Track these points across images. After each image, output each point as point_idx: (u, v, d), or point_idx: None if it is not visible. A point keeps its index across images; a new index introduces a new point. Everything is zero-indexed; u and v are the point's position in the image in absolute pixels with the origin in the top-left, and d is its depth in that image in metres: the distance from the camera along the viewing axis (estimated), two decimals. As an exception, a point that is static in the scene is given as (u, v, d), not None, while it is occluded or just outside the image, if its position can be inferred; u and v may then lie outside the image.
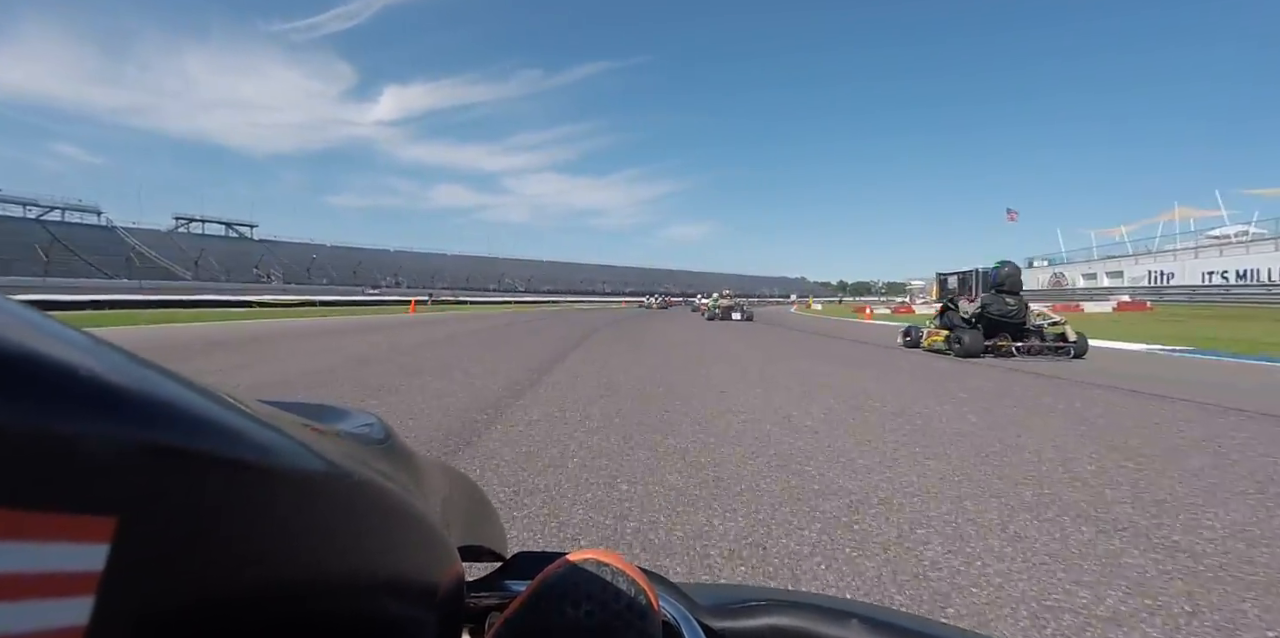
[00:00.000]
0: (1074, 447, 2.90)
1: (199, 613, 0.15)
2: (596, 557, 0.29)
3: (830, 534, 1.87)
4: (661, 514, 2.05)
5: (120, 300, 27.87)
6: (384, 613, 0.23)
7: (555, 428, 3.37)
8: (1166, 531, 1.88)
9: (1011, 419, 3.58)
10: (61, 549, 0.12)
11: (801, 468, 2.58)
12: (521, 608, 0.28)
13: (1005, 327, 7.90)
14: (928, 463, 2.64)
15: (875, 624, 0.32)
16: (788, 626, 0.32)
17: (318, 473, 0.19)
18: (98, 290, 32.57)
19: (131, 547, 0.13)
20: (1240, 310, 21.89)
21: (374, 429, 0.29)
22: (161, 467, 0.14)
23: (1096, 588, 1.51)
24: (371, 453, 0.26)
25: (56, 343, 0.14)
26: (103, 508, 0.13)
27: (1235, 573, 1.60)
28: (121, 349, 0.16)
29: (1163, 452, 2.81)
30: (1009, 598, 1.46)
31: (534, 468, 2.59)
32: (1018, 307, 7.93)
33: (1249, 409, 3.82)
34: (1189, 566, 1.64)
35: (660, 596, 0.31)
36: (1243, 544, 1.77)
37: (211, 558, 0.15)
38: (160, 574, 0.14)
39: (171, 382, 0.16)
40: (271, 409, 0.21)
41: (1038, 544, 1.78)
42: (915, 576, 1.59)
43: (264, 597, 0.17)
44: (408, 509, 0.24)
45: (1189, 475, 2.44)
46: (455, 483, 0.37)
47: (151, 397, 0.14)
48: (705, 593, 0.35)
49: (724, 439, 3.10)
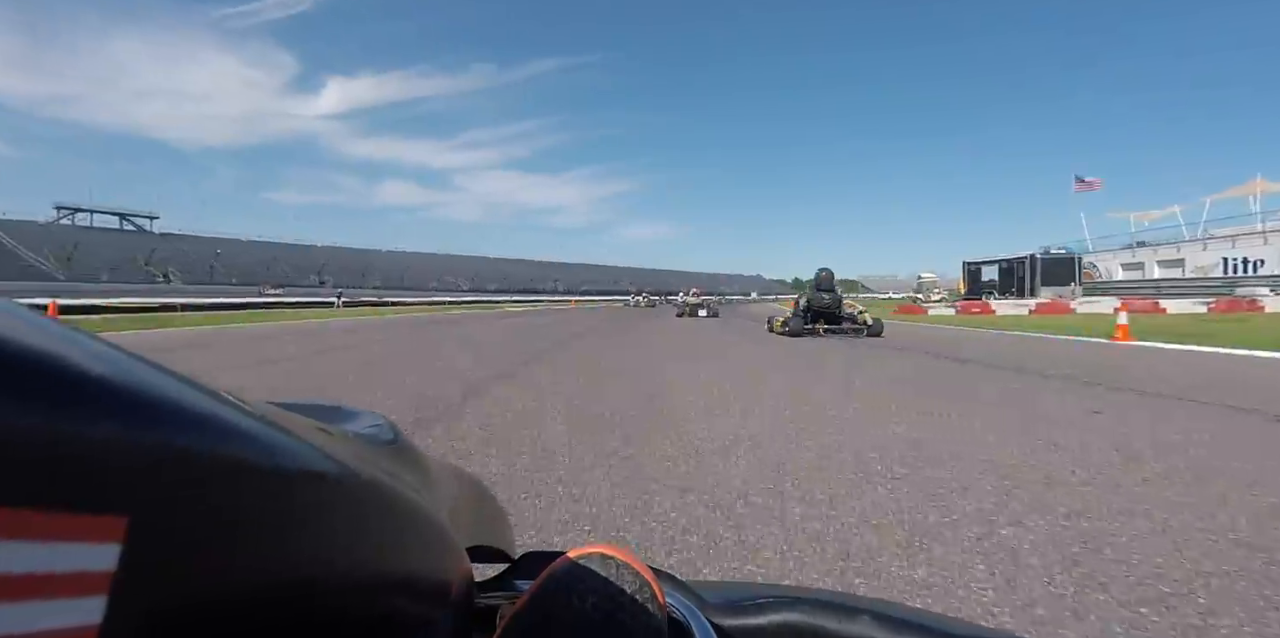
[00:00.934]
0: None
1: (211, 612, 0.16)
2: (602, 551, 0.29)
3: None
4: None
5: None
6: (394, 613, 0.23)
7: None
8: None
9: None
10: (74, 549, 0.12)
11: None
12: (528, 603, 0.28)
13: (823, 316, 11.94)
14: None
15: (886, 621, 0.32)
16: (796, 622, 0.32)
17: (327, 474, 0.19)
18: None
19: (143, 546, 0.13)
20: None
21: (382, 430, 0.29)
22: (172, 467, 0.14)
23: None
24: (380, 454, 0.27)
25: (66, 345, 0.14)
26: (114, 508, 0.13)
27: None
28: (130, 352, 0.16)
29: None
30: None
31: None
32: (831, 301, 12.00)
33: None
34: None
35: (667, 593, 0.31)
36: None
37: (223, 558, 0.16)
38: (172, 574, 0.14)
39: (181, 383, 0.16)
40: (281, 411, 0.21)
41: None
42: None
43: (275, 596, 0.18)
44: (416, 510, 0.24)
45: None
46: (464, 484, 0.38)
47: (161, 398, 0.14)
48: (713, 590, 0.35)
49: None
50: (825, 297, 11.92)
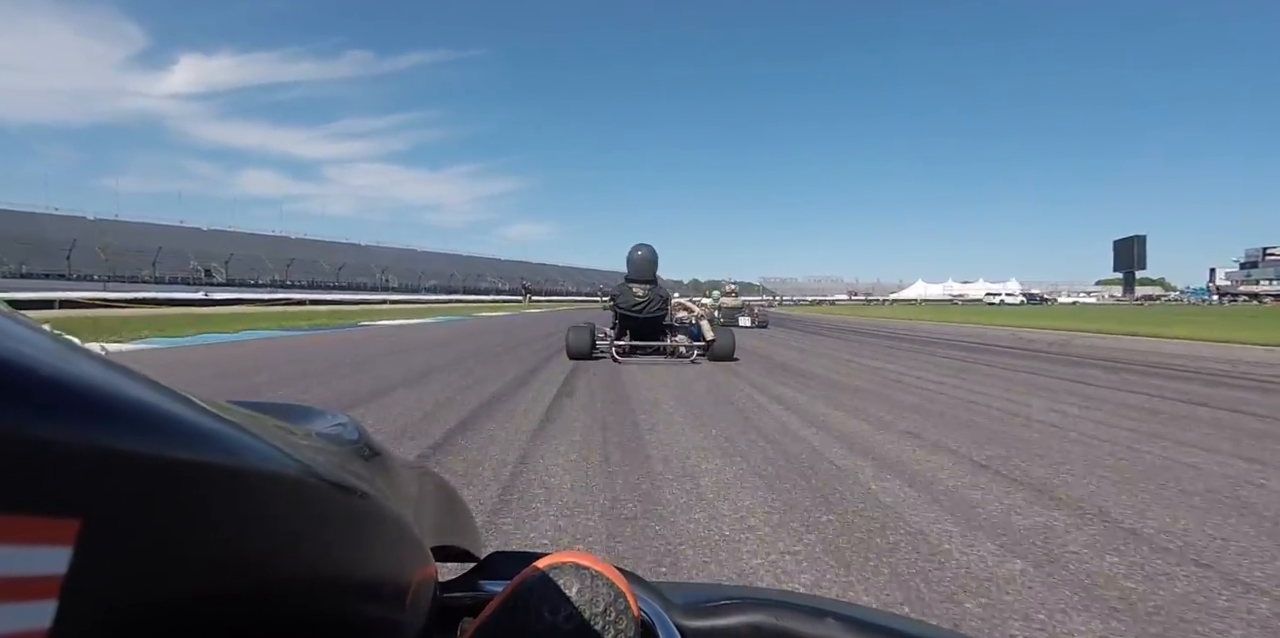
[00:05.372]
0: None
1: (164, 615, 0.15)
2: (574, 559, 0.29)
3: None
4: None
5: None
6: (355, 614, 0.23)
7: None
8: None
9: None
10: (23, 552, 0.12)
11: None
12: (498, 612, 0.28)
13: (637, 323, 6.84)
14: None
15: (851, 622, 0.32)
16: (763, 623, 0.32)
17: (288, 474, 0.19)
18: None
19: (95, 549, 0.13)
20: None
21: (346, 430, 0.29)
22: (125, 469, 0.14)
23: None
24: (344, 453, 0.26)
25: (16, 343, 0.13)
26: (65, 510, 0.12)
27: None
28: (85, 349, 0.16)
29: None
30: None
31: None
32: (647, 299, 6.82)
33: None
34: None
35: (635, 596, 0.31)
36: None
37: (178, 560, 0.15)
38: (124, 577, 0.14)
39: (136, 383, 0.15)
40: (242, 410, 0.21)
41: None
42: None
43: (230, 599, 0.17)
44: (380, 509, 0.24)
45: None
46: (429, 483, 0.37)
47: (115, 397, 0.14)
48: (680, 592, 0.35)
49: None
50: (638, 294, 6.78)
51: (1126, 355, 7.72)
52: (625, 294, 6.94)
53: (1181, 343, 9.71)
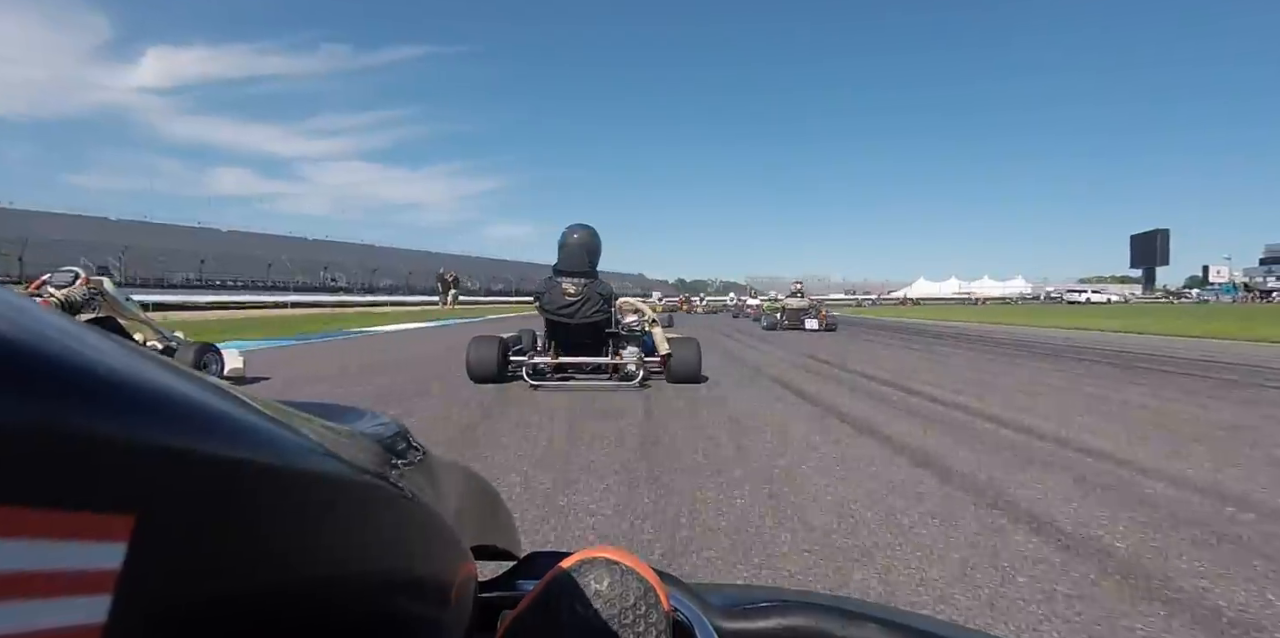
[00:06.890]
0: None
1: (215, 611, 0.16)
2: (607, 555, 0.30)
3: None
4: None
5: None
6: (399, 613, 0.23)
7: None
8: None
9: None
10: (79, 548, 0.12)
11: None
12: (531, 606, 0.28)
13: (567, 331, 4.80)
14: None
15: (892, 627, 0.31)
16: (801, 627, 0.32)
17: (333, 473, 0.19)
18: None
19: (149, 545, 0.13)
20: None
21: (389, 429, 0.29)
22: (179, 467, 0.14)
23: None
24: (387, 453, 0.26)
25: (72, 340, 0.13)
26: (120, 506, 0.13)
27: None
28: (138, 348, 0.16)
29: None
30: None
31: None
32: (583, 297, 4.72)
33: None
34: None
35: (672, 596, 0.31)
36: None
37: (228, 557, 0.16)
38: (177, 573, 0.14)
39: (188, 381, 0.16)
40: (288, 409, 0.21)
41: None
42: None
43: (278, 595, 0.18)
44: (422, 509, 0.24)
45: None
46: (469, 482, 0.37)
47: (169, 395, 0.14)
48: (717, 593, 0.35)
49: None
50: (569, 291, 4.74)
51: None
52: (552, 291, 4.76)
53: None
